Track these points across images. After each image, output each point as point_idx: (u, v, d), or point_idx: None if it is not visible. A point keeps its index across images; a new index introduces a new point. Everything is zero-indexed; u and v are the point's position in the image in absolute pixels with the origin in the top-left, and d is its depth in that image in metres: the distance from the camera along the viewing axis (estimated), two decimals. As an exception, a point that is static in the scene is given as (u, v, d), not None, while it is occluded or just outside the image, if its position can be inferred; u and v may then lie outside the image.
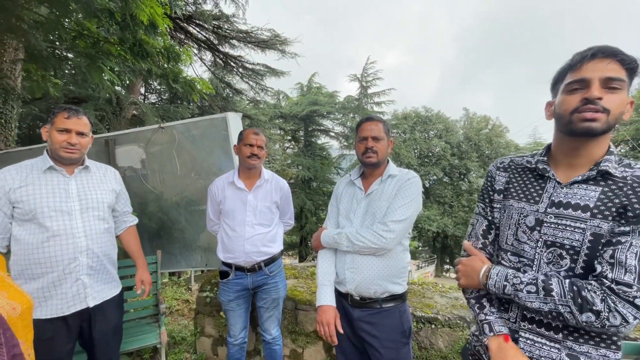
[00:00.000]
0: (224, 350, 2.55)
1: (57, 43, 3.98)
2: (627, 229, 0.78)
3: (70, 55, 4.28)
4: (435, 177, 22.09)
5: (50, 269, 1.39)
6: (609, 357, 0.82)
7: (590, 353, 0.82)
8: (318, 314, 1.43)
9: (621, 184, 0.83)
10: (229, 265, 1.95)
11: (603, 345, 0.82)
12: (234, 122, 2.56)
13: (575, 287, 0.79)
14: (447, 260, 22.40)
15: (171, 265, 2.91)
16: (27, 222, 1.39)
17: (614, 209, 0.81)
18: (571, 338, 0.84)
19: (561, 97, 0.89)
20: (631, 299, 0.74)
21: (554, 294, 0.80)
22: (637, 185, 0.81)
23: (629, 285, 0.74)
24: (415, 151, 22.53)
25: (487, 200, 1.08)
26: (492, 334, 0.94)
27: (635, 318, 0.74)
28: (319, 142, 15.98)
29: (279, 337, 2.08)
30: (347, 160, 16.06)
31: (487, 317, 0.97)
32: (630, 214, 0.79)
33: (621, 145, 16.46)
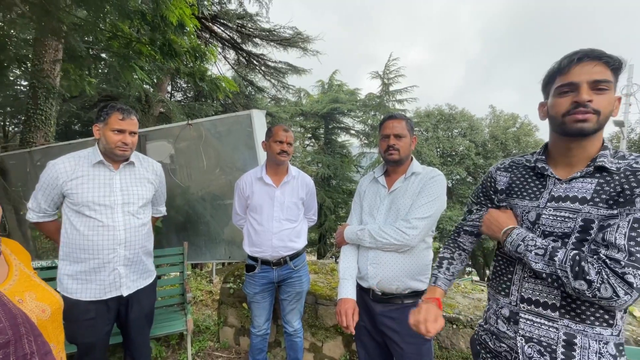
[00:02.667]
0: (246, 340, 2.63)
1: (93, 44, 4.20)
2: (615, 212, 0.83)
3: (104, 55, 4.51)
4: (458, 177, 21.46)
5: (92, 256, 1.50)
6: (602, 334, 0.87)
7: (587, 331, 0.87)
8: (337, 305, 1.46)
9: (615, 175, 0.88)
10: (255, 259, 2.00)
11: (597, 324, 0.87)
12: (258, 119, 2.62)
13: (577, 257, 0.84)
14: (470, 262, 21.79)
15: (197, 257, 3.03)
16: (77, 212, 1.51)
17: (604, 196, 0.87)
18: (567, 317, 0.89)
19: (553, 100, 0.94)
20: (621, 274, 0.78)
21: (556, 259, 0.86)
22: (630, 174, 0.86)
23: (618, 261, 0.79)
24: (438, 150, 21.98)
25: (481, 198, 1.18)
26: (433, 285, 1.20)
27: (626, 293, 0.77)
28: (339, 140, 15.95)
29: (300, 329, 2.13)
30: (368, 159, 15.93)
31: (438, 274, 1.22)
32: (621, 199, 0.84)
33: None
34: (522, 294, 0.97)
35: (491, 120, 23.72)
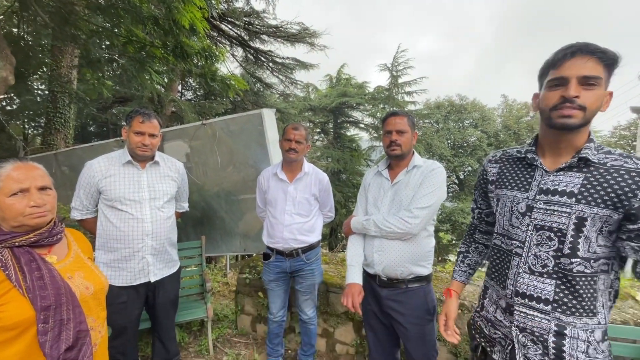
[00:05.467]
0: (262, 327, 2.79)
1: (109, 49, 4.39)
2: (632, 224, 0.88)
3: (119, 59, 4.70)
4: (470, 168, 21.23)
5: (123, 246, 1.67)
6: (588, 323, 0.93)
7: (575, 322, 0.94)
8: (345, 289, 1.57)
9: (602, 170, 0.91)
10: (271, 249, 2.15)
11: (585, 315, 0.93)
12: (269, 117, 2.74)
13: None
14: (482, 254, 21.63)
15: (213, 250, 3.19)
16: (110, 206, 1.69)
17: (596, 195, 0.90)
18: (559, 310, 0.95)
19: (544, 93, 0.96)
20: None
21: None
22: (624, 173, 0.89)
23: None
24: (449, 141, 21.78)
25: (477, 190, 1.26)
26: (452, 279, 1.35)
27: None
28: (349, 133, 15.94)
29: (314, 317, 2.26)
30: (377, 152, 15.90)
31: (455, 268, 1.35)
32: (625, 202, 0.87)
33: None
34: (517, 288, 1.01)
35: (503, 109, 23.29)
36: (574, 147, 0.96)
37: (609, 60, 0.88)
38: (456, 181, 21.62)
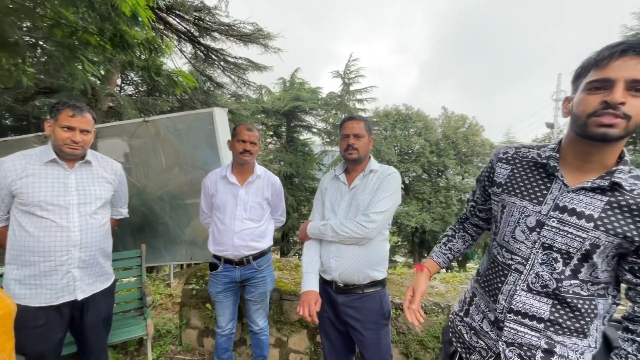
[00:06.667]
0: (210, 341, 2.60)
1: (31, 31, 3.82)
2: None
3: (43, 43, 4.11)
4: (414, 174, 22.60)
5: (43, 259, 1.42)
6: (578, 344, 0.90)
7: (565, 342, 0.90)
8: (301, 297, 1.51)
9: (628, 197, 0.81)
10: (218, 257, 2.00)
11: (575, 334, 0.89)
12: (220, 117, 2.59)
13: None
14: (425, 255, 23.09)
15: (155, 259, 2.92)
16: (26, 212, 1.43)
17: (616, 224, 0.81)
18: (552, 329, 0.90)
19: (580, 96, 0.82)
20: None
21: None
22: None
23: None
24: (396, 148, 22.97)
25: (478, 184, 1.16)
26: (424, 261, 1.27)
27: None
28: (301, 138, 15.98)
29: (266, 327, 2.15)
30: (329, 157, 16.18)
31: (434, 248, 1.31)
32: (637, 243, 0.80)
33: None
34: (512, 305, 0.94)
35: (443, 120, 25.26)
36: (604, 164, 0.85)
37: None
38: (402, 186, 22.89)
